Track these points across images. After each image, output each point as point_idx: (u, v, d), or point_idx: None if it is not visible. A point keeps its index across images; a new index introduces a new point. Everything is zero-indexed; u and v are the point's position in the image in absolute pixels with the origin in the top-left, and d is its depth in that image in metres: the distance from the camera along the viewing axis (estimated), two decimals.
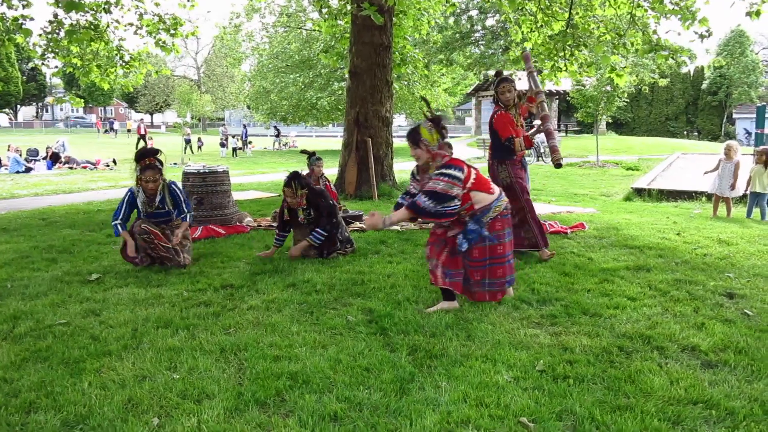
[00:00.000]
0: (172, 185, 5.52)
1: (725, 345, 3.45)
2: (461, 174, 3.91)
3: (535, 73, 6.01)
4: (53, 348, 3.43)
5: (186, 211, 5.54)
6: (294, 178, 5.60)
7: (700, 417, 2.65)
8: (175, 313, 4.05)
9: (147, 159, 5.36)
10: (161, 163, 5.43)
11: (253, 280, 4.91)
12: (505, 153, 5.70)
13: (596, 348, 3.40)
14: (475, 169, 4.09)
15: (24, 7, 9.08)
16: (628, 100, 25.94)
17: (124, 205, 5.42)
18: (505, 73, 6.17)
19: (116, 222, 5.39)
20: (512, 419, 2.62)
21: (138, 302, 4.33)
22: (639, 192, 12.42)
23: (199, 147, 34.18)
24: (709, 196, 11.17)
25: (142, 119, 46.22)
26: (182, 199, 5.53)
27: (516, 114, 5.66)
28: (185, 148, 29.61)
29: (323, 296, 4.45)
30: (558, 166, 5.44)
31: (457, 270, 4.12)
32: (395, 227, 7.37)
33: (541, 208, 9.14)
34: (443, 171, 3.90)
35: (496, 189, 4.15)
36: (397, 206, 4.26)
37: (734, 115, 44.52)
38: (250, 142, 34.03)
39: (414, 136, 4.09)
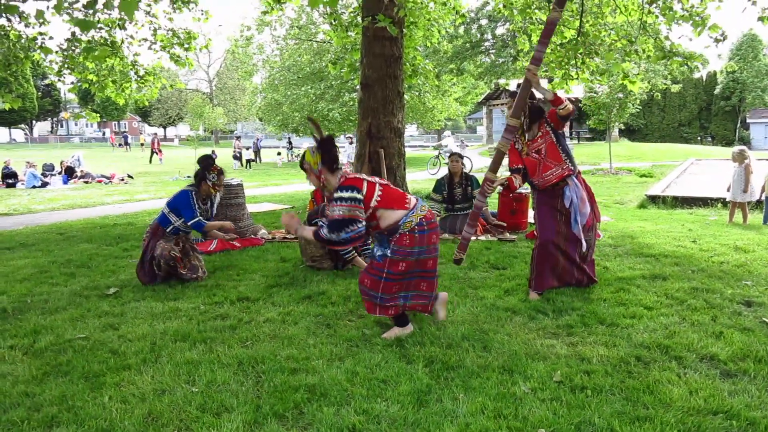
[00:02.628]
0: None
1: (744, 354, 3.43)
2: (359, 195, 3.64)
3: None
4: (73, 362, 3.47)
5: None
6: None
7: (721, 428, 2.63)
8: (192, 326, 4.08)
9: (214, 165, 5.59)
10: None
11: (269, 292, 4.94)
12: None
13: (614, 358, 3.39)
14: (383, 184, 3.81)
15: (41, 24, 9.24)
16: (640, 107, 25.81)
17: (195, 203, 5.49)
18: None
19: (198, 218, 5.45)
20: (531, 431, 2.62)
21: (156, 316, 4.37)
22: (653, 199, 12.33)
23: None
24: (724, 203, 11.09)
25: (155, 133, 46.64)
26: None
27: (524, 137, 4.73)
28: (241, 162, 30.79)
29: (339, 308, 4.46)
30: (456, 262, 4.70)
31: (391, 295, 3.81)
32: None
33: None
34: (339, 194, 3.64)
35: (412, 201, 3.84)
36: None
37: (748, 120, 44.15)
38: (278, 153, 34.66)
39: (300, 161, 3.92)
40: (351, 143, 22.80)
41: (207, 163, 5.55)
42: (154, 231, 5.52)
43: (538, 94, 4.65)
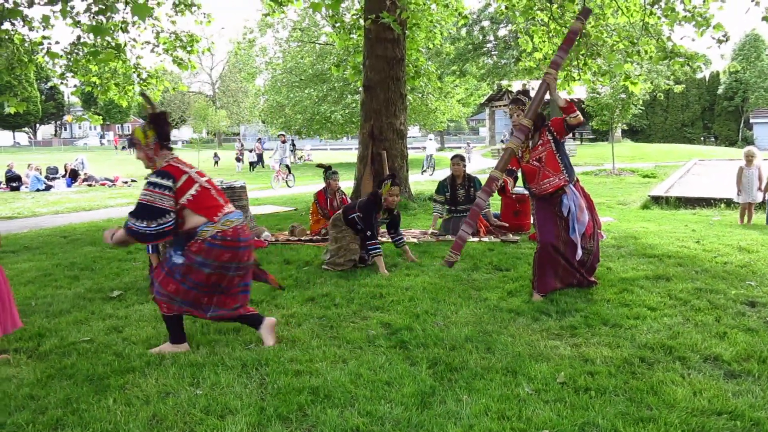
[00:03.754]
0: None
1: (748, 354, 3.42)
2: (171, 183, 3.47)
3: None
4: (78, 365, 3.48)
5: None
6: (394, 177, 5.95)
7: (725, 428, 2.63)
8: (196, 328, 4.09)
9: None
10: None
11: (272, 294, 4.95)
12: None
13: (617, 359, 3.39)
14: (206, 187, 3.61)
15: (44, 28, 9.28)
16: (643, 108, 25.79)
17: None
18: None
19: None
20: None
21: (159, 318, 4.36)
22: (656, 200, 12.32)
23: (216, 162, 34.47)
24: (728, 203, 11.07)
25: None
26: None
27: (528, 144, 4.68)
28: (255, 164, 31.08)
29: (342, 310, 4.47)
30: (447, 264, 4.56)
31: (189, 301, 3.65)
32: (413, 239, 7.38)
33: None
34: (152, 179, 3.48)
35: (222, 215, 3.58)
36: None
37: (751, 120, 44.07)
38: (299, 157, 35.09)
39: (130, 137, 3.71)
40: (284, 142, 21.30)
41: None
42: None
43: (547, 97, 4.66)
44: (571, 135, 40.00)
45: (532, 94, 4.68)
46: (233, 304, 3.74)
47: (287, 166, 19.95)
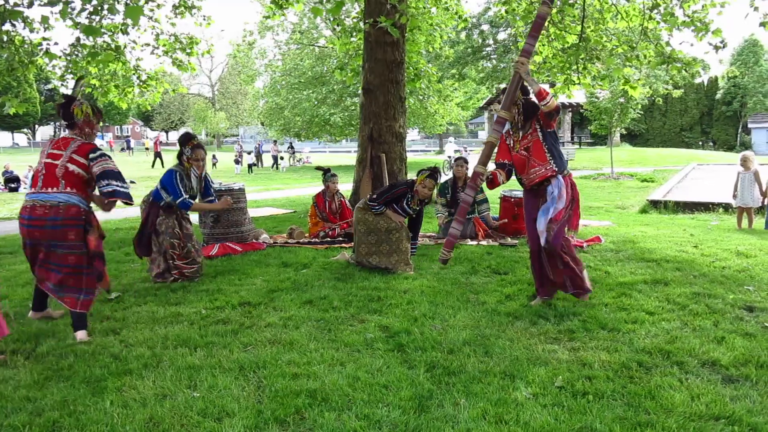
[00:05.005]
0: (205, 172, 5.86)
1: (746, 359, 3.42)
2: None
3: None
4: (75, 367, 3.48)
5: (212, 195, 5.87)
6: (437, 172, 5.96)
7: None
8: (193, 331, 4.08)
9: (194, 140, 5.66)
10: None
11: (270, 297, 4.95)
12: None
13: (615, 363, 3.39)
14: (48, 156, 4.06)
15: (45, 29, 9.27)
16: (641, 112, 25.83)
17: (178, 182, 5.52)
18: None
19: (183, 198, 5.52)
20: None
21: (157, 321, 4.37)
22: (655, 204, 12.33)
23: (214, 164, 34.45)
24: (726, 208, 11.08)
25: (159, 135, 46.77)
26: (211, 184, 5.92)
27: (518, 133, 4.61)
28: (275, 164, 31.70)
29: (340, 313, 4.46)
30: (442, 261, 4.54)
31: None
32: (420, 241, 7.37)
33: None
34: (101, 151, 4.07)
35: (31, 191, 4.13)
36: None
37: (749, 125, 44.16)
38: (298, 159, 35.27)
39: (68, 113, 4.15)
40: (292, 152, 20.80)
41: (184, 138, 5.69)
42: (151, 203, 5.66)
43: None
44: (569, 139, 39.76)
45: (530, 96, 4.64)
46: (39, 275, 4.08)
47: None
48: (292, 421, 2.78)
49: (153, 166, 32.14)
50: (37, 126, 67.64)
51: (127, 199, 4.10)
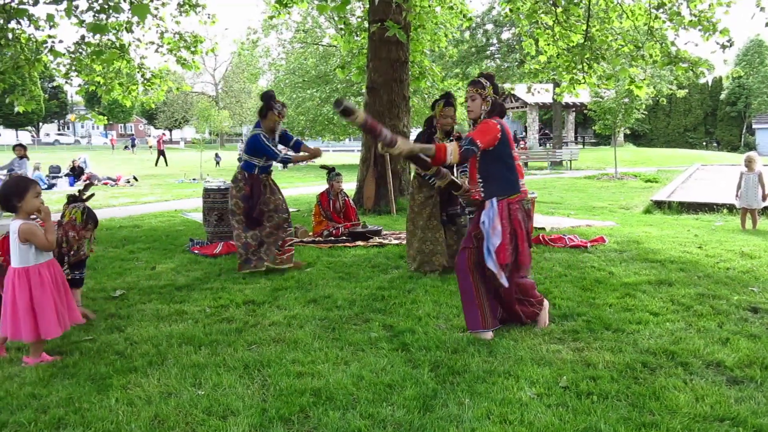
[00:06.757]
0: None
1: (751, 361, 3.41)
2: None
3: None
4: (80, 364, 3.49)
5: (293, 139, 6.21)
6: (451, 96, 5.82)
7: None
8: (198, 329, 4.09)
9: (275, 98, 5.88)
10: None
11: (274, 296, 4.95)
12: None
13: (620, 364, 3.38)
14: None
15: (51, 27, 9.30)
16: (645, 112, 25.78)
17: (268, 143, 5.83)
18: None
19: (282, 154, 5.91)
20: None
21: (162, 318, 4.38)
22: (659, 204, 12.29)
23: (217, 163, 34.48)
24: (730, 209, 11.05)
25: (163, 134, 46.77)
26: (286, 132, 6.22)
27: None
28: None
29: (344, 312, 4.47)
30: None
31: None
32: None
33: (560, 222, 9.11)
34: None
35: None
36: None
37: (754, 125, 44.05)
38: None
39: None
40: (21, 158, 15.07)
41: (269, 94, 5.92)
42: (248, 176, 6.09)
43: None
44: (573, 139, 39.53)
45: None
46: None
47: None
48: (296, 420, 2.79)
49: (156, 164, 32.18)
50: (41, 124, 67.72)
51: None
